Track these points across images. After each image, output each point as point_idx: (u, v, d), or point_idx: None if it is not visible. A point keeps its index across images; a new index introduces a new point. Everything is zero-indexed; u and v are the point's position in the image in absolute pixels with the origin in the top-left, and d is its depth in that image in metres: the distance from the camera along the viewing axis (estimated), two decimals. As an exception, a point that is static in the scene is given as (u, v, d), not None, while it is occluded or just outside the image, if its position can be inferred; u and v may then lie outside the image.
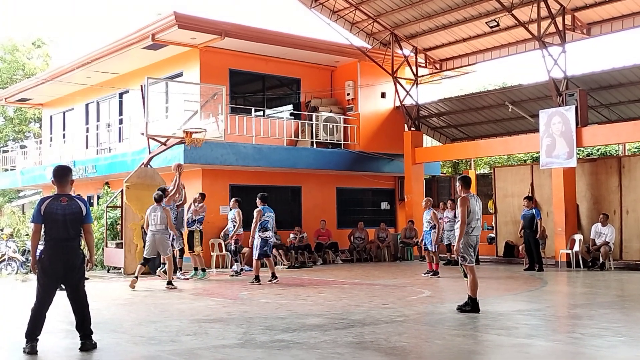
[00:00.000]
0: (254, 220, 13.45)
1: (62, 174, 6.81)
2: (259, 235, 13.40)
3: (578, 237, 16.77)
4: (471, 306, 8.79)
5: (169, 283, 12.66)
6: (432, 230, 14.75)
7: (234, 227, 15.04)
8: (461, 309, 8.86)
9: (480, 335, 7.34)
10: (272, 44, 19.50)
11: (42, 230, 6.68)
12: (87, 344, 6.54)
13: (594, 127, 17.33)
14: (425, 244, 15.05)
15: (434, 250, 14.82)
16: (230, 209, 15.39)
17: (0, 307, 10.77)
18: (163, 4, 49.95)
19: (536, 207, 16.82)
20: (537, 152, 18.13)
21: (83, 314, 6.65)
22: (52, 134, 27.31)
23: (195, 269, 14.75)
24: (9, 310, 10.24)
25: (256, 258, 13.51)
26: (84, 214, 6.67)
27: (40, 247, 6.72)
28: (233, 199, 15.48)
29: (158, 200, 13.26)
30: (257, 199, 13.68)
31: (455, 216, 17.62)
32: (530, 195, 17.50)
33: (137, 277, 12.77)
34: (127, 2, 60.96)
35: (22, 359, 6.31)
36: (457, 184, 9.12)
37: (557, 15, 17.23)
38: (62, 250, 6.57)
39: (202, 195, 15.35)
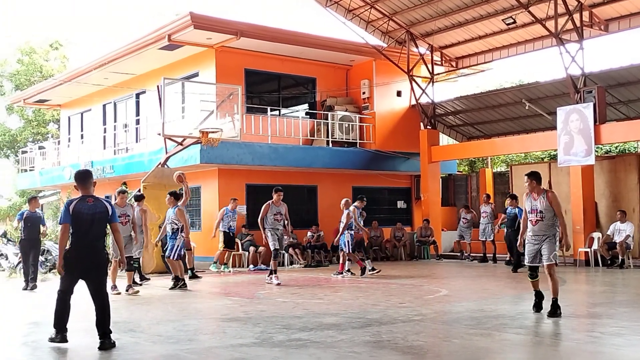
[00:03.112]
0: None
1: (84, 177, 7.06)
2: (182, 236, 12.57)
3: (597, 235, 16.61)
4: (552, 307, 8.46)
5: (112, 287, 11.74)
6: (347, 231, 14.44)
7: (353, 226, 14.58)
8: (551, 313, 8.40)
9: (498, 334, 7.30)
10: (288, 44, 19.52)
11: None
12: (106, 343, 6.61)
13: (612, 124, 17.16)
14: (340, 245, 14.68)
15: (348, 251, 14.54)
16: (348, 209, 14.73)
17: (20, 306, 10.89)
18: (176, 4, 50.24)
19: (519, 207, 16.42)
20: (555, 150, 17.98)
21: (104, 312, 6.77)
22: (70, 135, 27.52)
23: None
24: (28, 309, 10.34)
25: (177, 259, 12.51)
26: (110, 213, 6.92)
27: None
28: (345, 200, 15.02)
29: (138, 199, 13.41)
30: (170, 196, 12.84)
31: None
32: (514, 194, 17.03)
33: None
34: (142, 2, 61.34)
35: (45, 353, 6.41)
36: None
37: (574, 12, 17.08)
38: (88, 249, 6.79)
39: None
